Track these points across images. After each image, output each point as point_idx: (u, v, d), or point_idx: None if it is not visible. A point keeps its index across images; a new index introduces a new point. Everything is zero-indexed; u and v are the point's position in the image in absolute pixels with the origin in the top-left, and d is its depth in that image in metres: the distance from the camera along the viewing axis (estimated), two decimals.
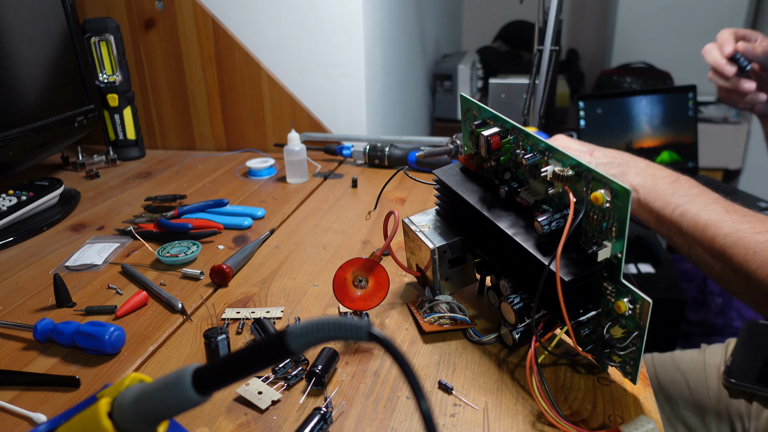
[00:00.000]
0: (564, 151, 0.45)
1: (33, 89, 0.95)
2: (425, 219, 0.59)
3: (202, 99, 1.23)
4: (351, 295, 0.54)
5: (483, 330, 0.55)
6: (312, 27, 1.15)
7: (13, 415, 0.46)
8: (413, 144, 1.09)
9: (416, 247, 0.58)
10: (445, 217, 0.58)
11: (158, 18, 1.17)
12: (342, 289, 0.54)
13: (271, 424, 0.44)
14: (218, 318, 0.59)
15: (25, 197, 0.85)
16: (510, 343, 0.51)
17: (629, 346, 0.44)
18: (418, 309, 0.57)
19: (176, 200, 0.93)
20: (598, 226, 0.43)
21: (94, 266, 0.71)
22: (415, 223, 0.59)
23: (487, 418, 0.44)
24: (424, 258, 0.57)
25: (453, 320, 0.55)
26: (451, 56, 2.23)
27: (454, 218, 0.57)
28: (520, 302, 0.49)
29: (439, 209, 0.59)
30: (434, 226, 0.58)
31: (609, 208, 0.42)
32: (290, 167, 1.00)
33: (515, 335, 0.49)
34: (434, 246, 0.55)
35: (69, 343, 0.54)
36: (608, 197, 0.41)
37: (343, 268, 0.54)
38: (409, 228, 0.58)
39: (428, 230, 0.57)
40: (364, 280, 0.55)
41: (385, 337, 0.26)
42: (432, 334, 0.55)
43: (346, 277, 0.54)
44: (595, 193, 0.41)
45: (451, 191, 0.55)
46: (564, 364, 0.50)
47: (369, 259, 0.54)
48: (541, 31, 1.28)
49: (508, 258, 0.50)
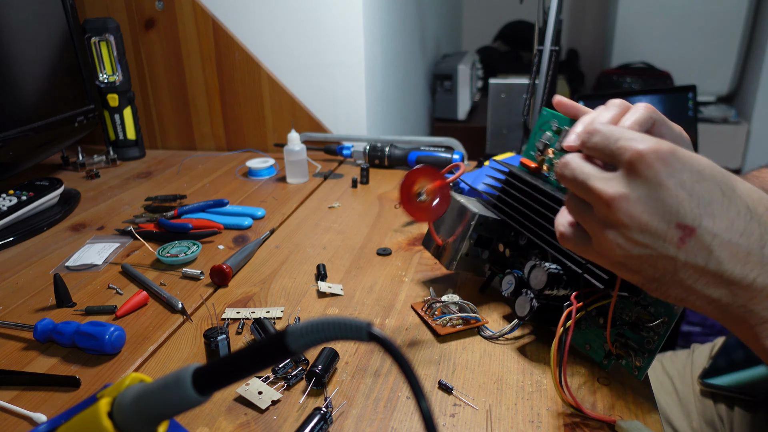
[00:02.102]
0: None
1: (33, 89, 0.95)
2: (468, 198, 0.62)
3: (202, 99, 1.23)
4: (414, 203, 0.53)
5: (493, 327, 0.55)
6: (312, 27, 1.15)
7: (13, 415, 0.46)
8: (413, 144, 1.09)
9: (453, 216, 0.59)
10: (492, 204, 0.61)
11: (158, 18, 1.17)
12: (407, 195, 0.53)
13: (271, 424, 0.44)
14: (218, 318, 0.59)
15: (25, 197, 0.85)
16: (522, 313, 0.51)
17: (653, 332, 0.45)
18: (426, 312, 0.57)
19: (176, 200, 0.93)
20: None
21: (94, 266, 0.71)
22: (457, 197, 0.61)
23: (487, 418, 0.44)
24: (454, 227, 0.58)
25: (465, 320, 0.55)
26: (451, 56, 2.23)
27: (503, 201, 0.59)
28: (556, 269, 0.49)
29: (488, 197, 0.61)
30: (476, 204, 0.60)
31: None
32: (290, 167, 1.00)
33: (534, 303, 0.50)
34: (477, 212, 0.57)
35: (69, 343, 0.54)
36: None
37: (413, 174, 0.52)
38: (453, 196, 0.59)
39: (471, 204, 0.60)
40: (424, 194, 0.53)
41: (385, 338, 0.26)
42: (431, 335, 0.55)
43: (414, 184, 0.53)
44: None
45: (512, 174, 0.58)
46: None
47: (439, 172, 0.53)
48: (541, 31, 1.28)
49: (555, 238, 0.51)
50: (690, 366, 0.83)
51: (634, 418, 0.44)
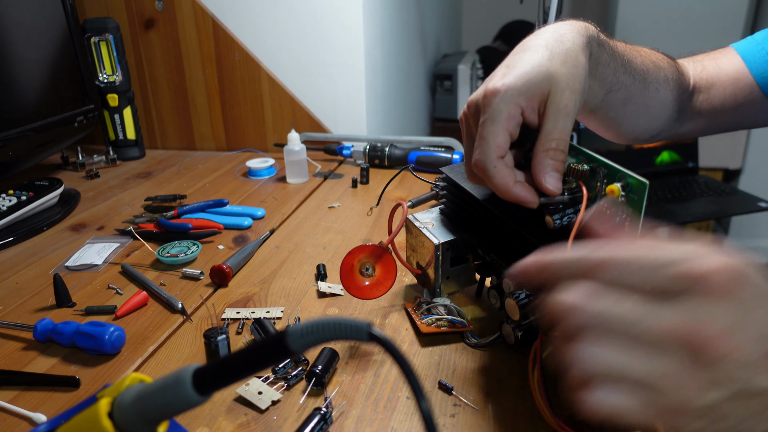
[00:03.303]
0: (580, 147, 0.45)
1: (33, 89, 0.95)
2: (429, 217, 0.59)
3: (202, 99, 1.23)
4: (358, 282, 0.54)
5: (480, 334, 0.55)
6: (312, 27, 1.15)
7: (13, 415, 0.46)
8: (413, 144, 1.09)
9: (419, 244, 0.58)
10: (449, 215, 0.59)
11: (158, 18, 1.17)
12: (349, 276, 0.53)
13: (271, 424, 0.44)
14: (218, 318, 0.59)
15: (25, 197, 0.85)
16: (512, 342, 0.50)
17: None
18: (416, 310, 0.57)
19: (176, 200, 0.93)
20: None
21: (94, 266, 0.71)
22: (419, 220, 0.59)
23: (487, 418, 0.44)
24: (425, 255, 0.57)
25: (451, 323, 0.55)
26: (451, 56, 2.23)
27: (459, 216, 0.57)
28: (525, 298, 0.49)
29: (443, 208, 0.59)
30: (438, 224, 0.58)
31: (623, 203, 0.42)
32: (290, 167, 1.00)
33: (518, 333, 0.49)
34: (438, 242, 0.55)
35: (69, 343, 0.54)
36: (623, 191, 0.41)
37: (352, 254, 0.53)
38: (413, 225, 0.58)
39: (432, 227, 0.57)
40: (371, 268, 0.54)
41: (385, 338, 0.26)
42: (430, 336, 0.55)
43: (353, 264, 0.53)
44: (611, 186, 0.42)
45: (458, 187, 0.55)
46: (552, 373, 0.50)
47: (377, 247, 0.53)
48: None
49: (515, 254, 0.49)
50: None
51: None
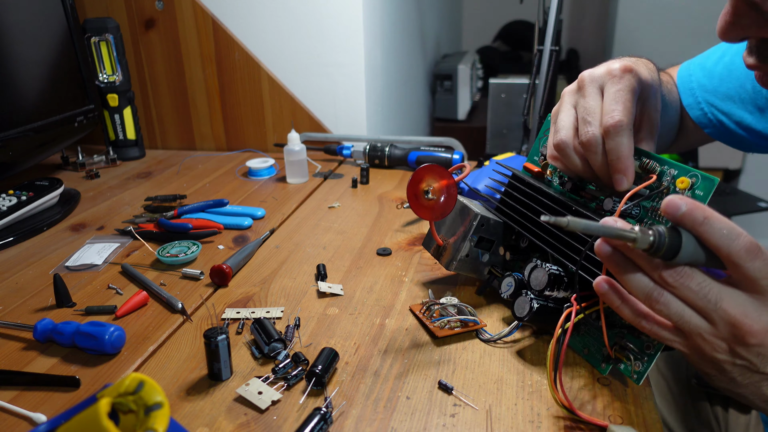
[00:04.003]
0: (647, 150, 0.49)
1: (33, 89, 0.95)
2: (469, 202, 0.62)
3: (202, 99, 1.23)
4: (421, 201, 0.53)
5: (491, 329, 0.55)
6: (312, 27, 1.15)
7: (13, 415, 0.46)
8: (413, 144, 1.09)
9: (454, 216, 0.60)
10: (496, 207, 0.61)
11: (158, 18, 1.17)
12: (415, 189, 0.53)
13: (271, 424, 0.44)
14: (218, 318, 0.59)
15: (25, 197, 0.85)
16: (522, 314, 0.51)
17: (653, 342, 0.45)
18: (424, 314, 0.57)
19: (176, 200, 0.93)
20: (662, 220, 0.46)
21: (94, 266, 0.71)
22: (460, 198, 0.61)
23: (487, 418, 0.44)
24: (456, 228, 0.58)
25: (463, 323, 0.55)
26: (451, 56, 2.23)
27: (505, 203, 0.59)
28: (557, 270, 0.50)
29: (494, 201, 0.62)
30: (480, 208, 0.60)
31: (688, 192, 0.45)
32: (290, 167, 1.00)
33: (534, 304, 0.50)
34: (480, 213, 0.57)
35: (69, 343, 0.54)
36: (691, 186, 0.45)
37: (419, 173, 0.53)
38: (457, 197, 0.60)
39: (473, 205, 0.60)
40: (430, 193, 0.53)
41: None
42: (430, 336, 0.55)
43: (421, 184, 0.53)
44: (683, 177, 0.45)
45: (516, 177, 0.58)
46: (565, 365, 0.50)
47: (446, 171, 0.53)
48: (541, 31, 1.28)
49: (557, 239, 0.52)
50: (685, 367, 0.83)
51: (635, 420, 0.44)
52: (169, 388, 0.49)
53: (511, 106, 1.87)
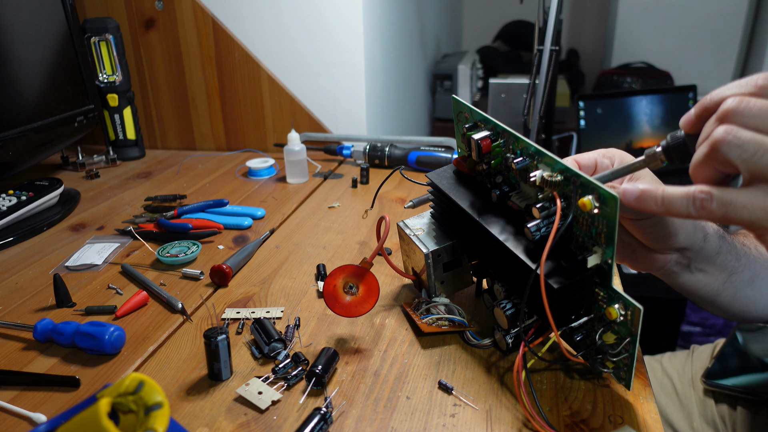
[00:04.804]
0: (554, 157, 0.44)
1: (33, 89, 0.95)
2: (420, 222, 0.59)
3: (202, 99, 1.23)
4: (341, 301, 0.53)
5: (480, 333, 0.55)
6: (312, 27, 1.15)
7: (13, 415, 0.46)
8: (413, 144, 1.09)
9: (411, 251, 0.58)
10: (439, 219, 0.58)
11: (158, 18, 1.17)
12: (332, 296, 0.53)
13: (271, 424, 0.44)
14: (218, 318, 0.59)
15: (25, 197, 0.85)
16: (504, 348, 0.51)
17: (622, 352, 0.44)
18: (415, 310, 0.57)
19: (176, 200, 0.93)
20: (588, 232, 0.43)
21: (94, 266, 0.71)
22: (410, 227, 0.59)
23: (487, 418, 0.44)
24: (419, 261, 0.57)
25: (451, 322, 0.55)
26: (451, 56, 2.23)
27: (448, 221, 0.57)
28: (512, 308, 0.48)
29: (433, 212, 0.59)
30: (428, 229, 0.58)
31: (597, 214, 0.41)
32: (290, 167, 1.00)
33: (508, 340, 0.49)
34: (428, 250, 0.55)
35: (69, 343, 0.54)
36: (596, 203, 0.40)
37: (333, 275, 0.53)
38: (404, 232, 0.58)
39: (422, 234, 0.57)
40: (354, 287, 0.54)
41: None
42: (430, 336, 0.55)
43: (336, 284, 0.53)
44: (583, 199, 0.40)
45: (444, 195, 0.54)
46: (564, 364, 0.50)
47: (359, 266, 0.53)
48: (541, 31, 1.28)
49: (500, 262, 0.50)
50: (690, 366, 0.83)
51: (635, 420, 0.44)
52: (169, 388, 0.49)
53: (511, 106, 1.87)
